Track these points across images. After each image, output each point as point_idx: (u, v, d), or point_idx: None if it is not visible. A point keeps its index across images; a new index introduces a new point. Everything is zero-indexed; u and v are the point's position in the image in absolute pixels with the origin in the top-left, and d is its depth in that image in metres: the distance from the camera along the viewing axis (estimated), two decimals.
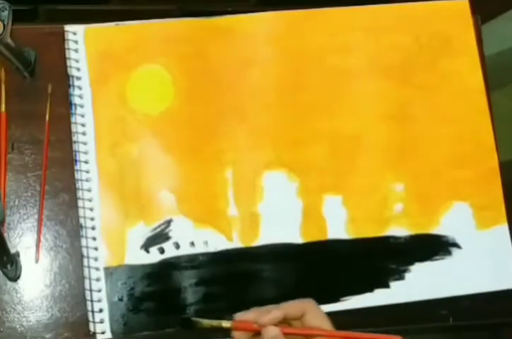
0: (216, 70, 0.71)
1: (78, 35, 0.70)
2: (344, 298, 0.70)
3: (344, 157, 0.72)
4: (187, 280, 0.67)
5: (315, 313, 0.57)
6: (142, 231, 0.68)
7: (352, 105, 0.73)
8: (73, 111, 0.69)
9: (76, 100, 0.69)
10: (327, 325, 0.56)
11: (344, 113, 0.73)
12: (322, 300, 0.69)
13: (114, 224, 0.67)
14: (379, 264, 0.71)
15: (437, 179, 0.73)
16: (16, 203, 0.68)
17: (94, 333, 0.65)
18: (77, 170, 0.68)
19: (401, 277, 0.71)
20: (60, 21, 0.72)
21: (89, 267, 0.66)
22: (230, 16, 0.73)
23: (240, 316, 0.55)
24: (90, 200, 0.67)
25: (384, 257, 0.71)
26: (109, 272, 0.66)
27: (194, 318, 0.56)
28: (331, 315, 0.69)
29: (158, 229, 0.68)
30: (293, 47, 0.73)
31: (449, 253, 0.72)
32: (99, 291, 0.66)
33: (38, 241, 0.67)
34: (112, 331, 0.66)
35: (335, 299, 0.70)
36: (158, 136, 0.69)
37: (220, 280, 0.68)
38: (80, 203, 0.67)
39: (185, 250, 0.68)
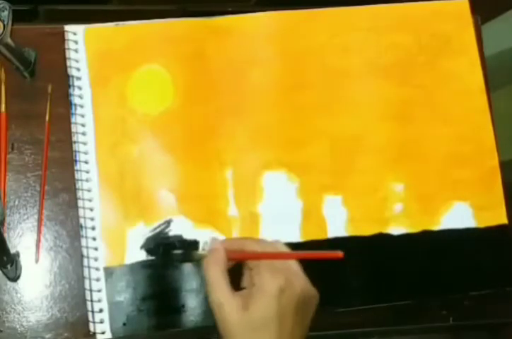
0: (216, 70, 0.71)
1: (78, 35, 0.70)
2: (344, 298, 0.70)
3: (344, 157, 0.72)
4: (187, 280, 0.67)
5: (253, 245, 0.60)
6: (142, 231, 0.68)
7: (352, 105, 0.73)
8: (73, 111, 0.69)
9: (76, 100, 0.69)
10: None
11: (344, 113, 0.73)
12: (322, 300, 0.70)
13: (114, 224, 0.67)
14: (379, 264, 0.71)
15: (437, 179, 0.73)
16: (16, 203, 0.68)
17: (94, 333, 0.65)
18: (77, 170, 0.68)
19: (401, 277, 0.71)
20: (60, 21, 0.72)
21: (89, 267, 0.66)
22: (230, 16, 0.73)
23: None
24: (90, 200, 0.67)
25: (384, 257, 0.71)
26: (109, 272, 0.66)
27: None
28: (331, 315, 0.70)
29: (158, 229, 0.68)
30: (293, 47, 0.73)
31: (449, 253, 0.72)
32: (99, 291, 0.66)
33: (38, 241, 0.67)
34: (112, 331, 0.66)
35: (335, 299, 0.70)
36: (158, 136, 0.69)
37: None
38: (80, 203, 0.67)
39: (185, 250, 0.68)
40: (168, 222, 0.68)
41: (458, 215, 0.72)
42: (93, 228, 0.67)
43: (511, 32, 1.01)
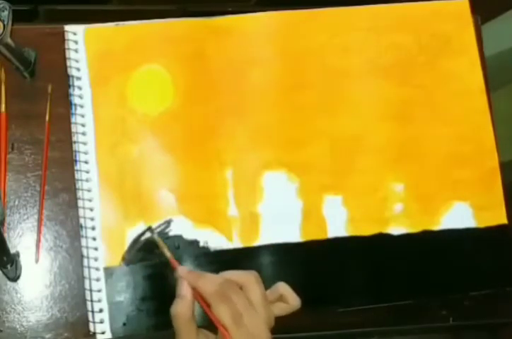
0: (216, 70, 0.71)
1: (78, 35, 0.70)
2: (344, 298, 0.70)
3: (344, 157, 0.72)
4: None
5: (250, 289, 0.58)
6: (142, 231, 0.67)
7: (352, 105, 0.73)
8: (73, 111, 0.69)
9: (76, 100, 0.69)
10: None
11: (344, 113, 0.73)
12: (322, 300, 0.70)
13: (114, 224, 0.67)
14: (379, 264, 0.71)
15: (437, 179, 0.73)
16: (16, 203, 0.68)
17: (94, 333, 0.65)
18: (77, 170, 0.68)
19: (401, 277, 0.71)
20: (60, 21, 0.72)
21: (89, 267, 0.66)
22: (230, 16, 0.73)
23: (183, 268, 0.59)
24: (90, 200, 0.67)
25: (384, 257, 0.71)
26: (109, 272, 0.66)
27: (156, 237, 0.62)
28: (331, 315, 0.70)
29: (158, 229, 0.68)
30: (293, 47, 0.73)
31: (449, 253, 0.72)
32: (99, 291, 0.66)
33: (38, 241, 0.67)
34: (112, 331, 0.66)
35: (335, 299, 0.70)
36: (157, 136, 0.69)
37: None
38: (80, 203, 0.67)
39: (185, 250, 0.68)
40: (168, 222, 0.68)
41: (458, 215, 0.72)
42: (93, 228, 0.67)
43: (511, 32, 1.01)
